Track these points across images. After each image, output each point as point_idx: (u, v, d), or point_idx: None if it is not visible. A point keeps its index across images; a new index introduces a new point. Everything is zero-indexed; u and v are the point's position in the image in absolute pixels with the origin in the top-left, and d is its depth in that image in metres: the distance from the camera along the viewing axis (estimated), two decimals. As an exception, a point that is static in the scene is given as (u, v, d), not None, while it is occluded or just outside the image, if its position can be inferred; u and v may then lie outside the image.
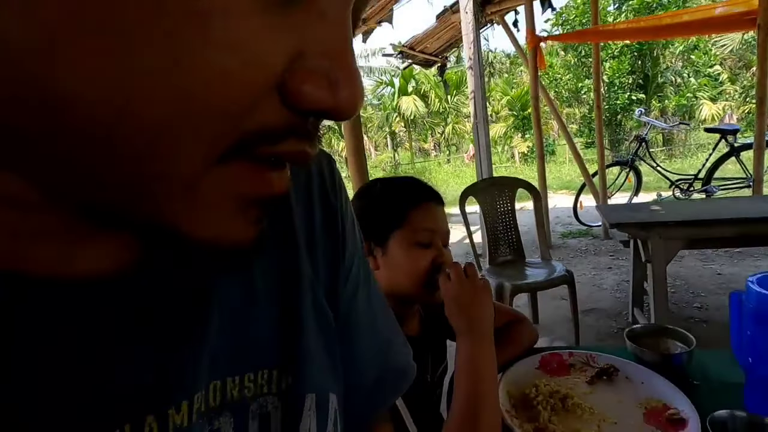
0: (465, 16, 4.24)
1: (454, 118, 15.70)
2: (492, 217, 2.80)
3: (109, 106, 0.16)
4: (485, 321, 0.75)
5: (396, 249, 0.81)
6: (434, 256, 0.80)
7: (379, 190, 0.87)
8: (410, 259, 0.80)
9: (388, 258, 0.82)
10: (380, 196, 0.86)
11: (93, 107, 0.16)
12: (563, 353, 1.02)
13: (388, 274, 0.82)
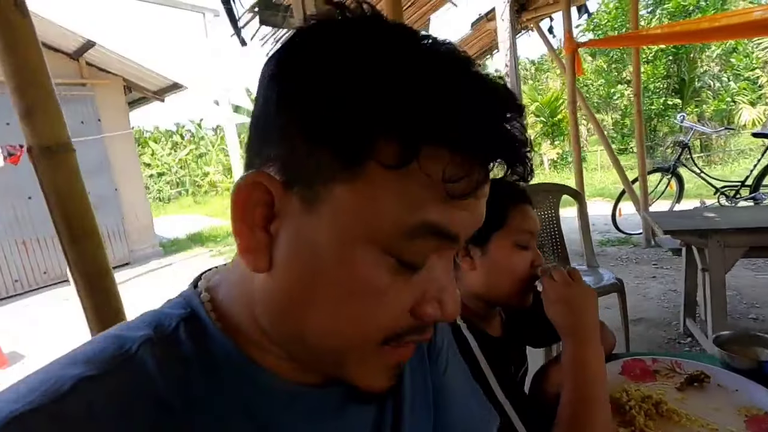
0: (501, 23, 4.25)
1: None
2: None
3: (332, 334, 0.33)
4: (592, 323, 0.75)
5: (497, 250, 0.81)
6: (533, 258, 0.81)
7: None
8: (512, 261, 0.80)
9: (487, 259, 0.82)
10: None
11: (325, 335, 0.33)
12: (646, 359, 1.01)
13: (486, 275, 0.83)
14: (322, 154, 0.29)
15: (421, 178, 0.29)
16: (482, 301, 0.85)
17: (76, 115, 6.12)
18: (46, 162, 0.86)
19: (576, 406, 0.69)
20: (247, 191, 0.31)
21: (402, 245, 0.31)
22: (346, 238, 0.30)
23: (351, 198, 0.30)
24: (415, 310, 0.34)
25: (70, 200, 0.89)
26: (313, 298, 0.32)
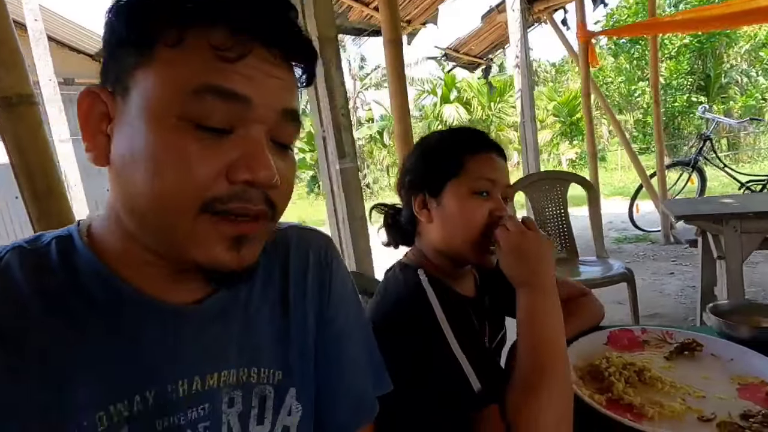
0: (512, 14, 4.17)
1: (497, 126, 15.38)
2: (542, 213, 2.68)
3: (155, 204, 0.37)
4: (547, 273, 0.69)
5: (451, 199, 0.76)
6: (492, 208, 0.75)
7: (436, 139, 0.83)
8: (466, 209, 0.75)
9: (442, 209, 0.77)
10: (436, 144, 0.82)
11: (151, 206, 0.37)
12: (635, 329, 0.94)
13: (441, 227, 0.77)
14: (125, 51, 0.38)
15: (198, 50, 0.36)
16: (445, 257, 0.79)
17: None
18: (7, 114, 0.85)
19: (533, 358, 0.63)
20: (85, 103, 0.39)
21: (196, 109, 0.36)
22: (151, 112, 0.36)
23: (149, 78, 0.37)
24: (228, 175, 0.38)
25: (33, 154, 0.88)
26: (137, 174, 0.37)
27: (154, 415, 0.40)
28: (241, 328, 0.47)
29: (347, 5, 3.42)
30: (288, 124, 0.41)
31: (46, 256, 0.40)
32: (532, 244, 0.69)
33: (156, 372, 0.41)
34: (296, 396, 0.50)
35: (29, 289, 0.38)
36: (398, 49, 1.78)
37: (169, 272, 0.42)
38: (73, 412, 0.37)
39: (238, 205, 0.38)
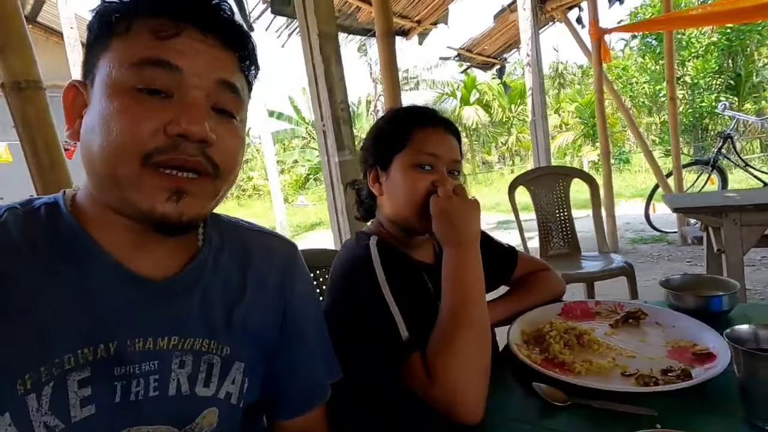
0: (523, 13, 4.17)
1: (518, 128, 15.22)
2: (544, 208, 2.69)
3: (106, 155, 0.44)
4: (472, 234, 0.74)
5: (396, 171, 0.81)
6: (434, 180, 0.79)
7: (388, 116, 0.89)
8: (408, 181, 0.79)
9: (390, 182, 0.83)
10: (387, 120, 0.88)
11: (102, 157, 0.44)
12: (589, 302, 0.97)
13: (389, 198, 0.83)
14: (93, 47, 0.48)
15: (140, 34, 0.45)
16: (398, 227, 0.85)
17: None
18: (17, 96, 0.97)
19: (454, 307, 0.68)
20: (66, 93, 0.49)
21: (139, 77, 0.44)
22: (105, 86, 0.45)
23: (105, 62, 0.46)
24: (166, 129, 0.44)
25: (38, 132, 0.99)
26: (93, 137, 0.45)
27: (113, 362, 0.47)
28: (201, 306, 0.54)
29: (356, 6, 3.51)
30: (226, 93, 0.48)
31: (35, 217, 0.48)
32: (456, 207, 0.74)
33: (116, 328, 0.48)
34: (243, 371, 0.57)
35: (21, 244, 0.46)
36: (391, 42, 1.84)
37: (133, 237, 0.49)
38: (49, 350, 0.44)
39: (175, 156, 0.44)
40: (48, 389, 0.43)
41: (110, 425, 0.47)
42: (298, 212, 11.64)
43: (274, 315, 0.61)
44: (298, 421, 0.64)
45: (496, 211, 8.53)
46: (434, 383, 0.64)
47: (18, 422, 0.42)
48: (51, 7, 6.36)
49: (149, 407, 0.49)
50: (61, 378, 0.44)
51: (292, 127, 16.31)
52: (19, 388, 0.42)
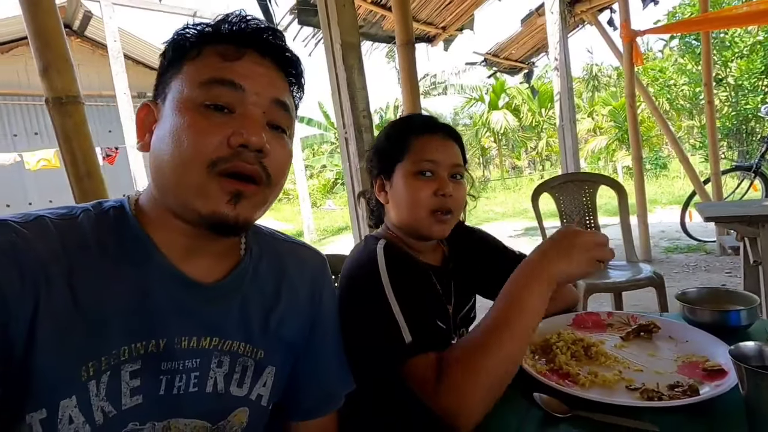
0: (550, 16, 4.11)
1: (548, 132, 14.88)
2: (570, 216, 2.63)
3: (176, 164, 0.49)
4: (564, 273, 0.67)
5: (398, 180, 0.83)
6: (435, 188, 0.81)
7: (389, 126, 0.92)
8: (410, 189, 0.81)
9: (393, 190, 0.85)
10: (388, 130, 0.90)
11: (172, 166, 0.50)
12: (601, 313, 0.95)
13: (394, 205, 0.85)
14: (166, 71, 0.54)
15: (209, 57, 0.52)
16: (404, 232, 0.87)
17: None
18: (58, 110, 1.05)
19: (499, 325, 0.65)
20: (140, 111, 0.55)
21: (206, 95, 0.50)
22: (176, 103, 0.51)
23: (177, 82, 0.52)
24: (229, 141, 0.49)
25: (77, 144, 1.08)
26: (164, 148, 0.50)
27: (161, 357, 0.52)
28: (240, 311, 0.58)
29: (380, 15, 3.56)
30: (279, 111, 0.54)
31: (105, 219, 0.53)
32: (579, 244, 0.68)
33: (167, 326, 0.52)
34: (273, 374, 0.61)
35: (91, 243, 0.50)
36: (410, 51, 1.87)
37: (187, 242, 0.54)
38: (108, 341, 0.48)
39: (236, 163, 0.49)
40: (105, 377, 0.48)
41: (153, 415, 0.51)
42: (326, 216, 11.80)
43: (304, 323, 0.66)
44: (309, 425, 0.67)
45: (524, 217, 8.37)
46: (445, 388, 0.63)
47: (81, 405, 0.46)
48: (97, 21, 6.77)
49: (188, 402, 0.53)
50: (116, 368, 0.49)
51: (321, 132, 16.58)
52: (83, 374, 0.47)
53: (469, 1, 3.79)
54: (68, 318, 0.46)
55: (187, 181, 0.49)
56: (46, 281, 0.46)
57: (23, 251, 0.45)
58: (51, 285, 0.46)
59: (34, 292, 0.45)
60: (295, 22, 3.12)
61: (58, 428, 0.45)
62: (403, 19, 1.86)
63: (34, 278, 0.45)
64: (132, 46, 7.26)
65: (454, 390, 0.63)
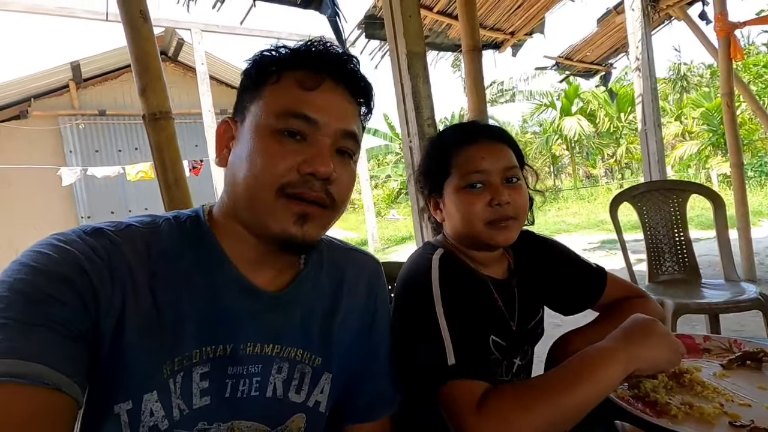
0: (631, 13, 3.83)
1: (628, 138, 13.77)
2: (655, 227, 2.40)
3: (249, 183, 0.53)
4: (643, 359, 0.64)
5: (448, 196, 0.80)
6: (489, 198, 0.76)
7: (430, 143, 0.88)
8: (463, 205, 0.78)
9: (446, 208, 0.82)
10: (429, 148, 0.87)
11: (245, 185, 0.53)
12: (696, 336, 0.85)
13: (449, 221, 0.82)
14: (247, 90, 0.57)
15: (287, 85, 0.54)
16: (464, 244, 0.84)
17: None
18: (153, 125, 1.18)
19: (565, 383, 0.61)
20: (219, 127, 0.59)
21: (282, 124, 0.53)
22: (254, 128, 0.54)
23: (257, 106, 0.55)
24: (299, 168, 0.52)
25: (167, 155, 1.19)
26: (241, 168, 0.54)
27: (228, 362, 0.54)
28: (301, 319, 0.60)
29: (446, 24, 3.55)
30: (348, 140, 0.57)
31: (183, 228, 0.57)
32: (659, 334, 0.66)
33: (234, 332, 0.55)
34: (330, 381, 0.62)
35: (170, 250, 0.54)
36: (477, 57, 1.84)
37: (256, 253, 0.56)
38: (183, 344, 0.51)
39: (304, 190, 0.52)
40: (179, 377, 0.51)
41: (219, 416, 0.54)
42: (389, 226, 11.91)
43: (361, 327, 0.67)
44: (364, 428, 0.67)
45: (599, 229, 7.80)
46: (489, 417, 0.60)
47: (162, 400, 0.50)
48: (188, 47, 7.54)
49: (250, 405, 0.56)
50: (188, 369, 0.52)
51: (386, 143, 16.87)
52: (165, 372, 0.50)
53: (539, 5, 3.66)
54: (150, 319, 0.50)
55: (259, 201, 0.52)
56: (132, 284, 0.50)
57: (115, 256, 0.50)
58: (136, 287, 0.50)
59: (122, 293, 0.49)
60: (362, 36, 3.23)
61: (141, 419, 0.49)
62: (470, 25, 1.83)
63: (122, 281, 0.49)
64: (216, 68, 7.95)
65: (499, 421, 0.59)
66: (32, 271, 0.45)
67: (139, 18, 1.17)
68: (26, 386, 0.40)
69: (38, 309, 0.43)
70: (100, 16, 5.98)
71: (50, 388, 0.41)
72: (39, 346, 0.42)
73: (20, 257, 0.47)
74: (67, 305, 0.44)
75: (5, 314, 0.42)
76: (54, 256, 0.46)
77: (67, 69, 7.18)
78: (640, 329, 0.66)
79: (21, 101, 7.23)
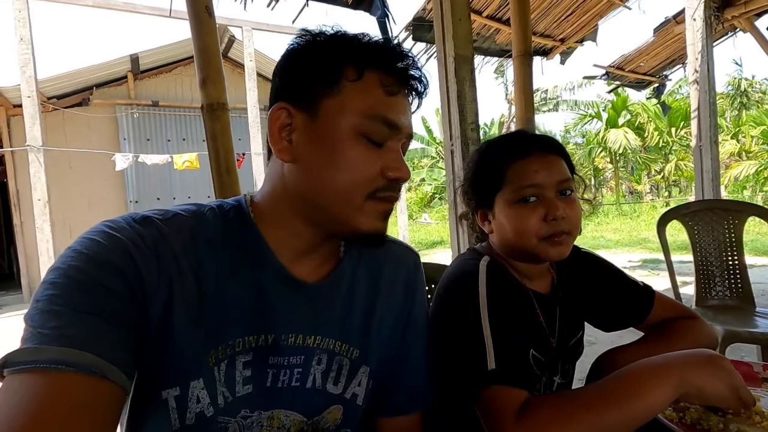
0: (692, 23, 3.65)
1: (678, 154, 13.07)
2: (705, 249, 2.27)
3: (336, 192, 0.53)
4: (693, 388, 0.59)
5: (500, 210, 0.78)
6: (544, 213, 0.74)
7: (480, 154, 0.86)
8: (516, 219, 0.76)
9: (497, 221, 0.80)
10: (480, 159, 0.85)
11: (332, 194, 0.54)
12: (755, 365, 0.80)
13: (498, 234, 0.81)
14: (317, 79, 0.53)
15: (371, 86, 0.53)
16: (511, 255, 0.83)
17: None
18: (210, 115, 1.23)
19: (607, 398, 0.59)
20: (277, 114, 0.55)
21: (368, 128, 0.53)
22: (336, 129, 0.52)
23: (334, 105, 0.52)
24: (383, 173, 0.54)
25: (221, 144, 1.25)
26: (324, 172, 0.53)
27: (270, 352, 0.55)
28: (340, 311, 0.61)
29: (495, 28, 3.51)
30: (408, 142, 0.59)
31: (227, 218, 0.57)
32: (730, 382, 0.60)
33: (275, 322, 0.55)
34: (368, 374, 0.62)
35: (216, 239, 0.54)
36: (527, 62, 1.81)
37: (298, 244, 0.57)
38: (228, 332, 0.52)
39: (391, 194, 0.56)
40: (223, 365, 0.52)
41: (261, 404, 0.55)
42: (421, 229, 11.86)
43: (398, 320, 0.67)
44: (394, 422, 0.67)
45: (642, 248, 7.45)
46: (529, 425, 0.59)
47: (208, 387, 0.51)
48: (239, 44, 7.83)
49: (289, 395, 0.56)
50: (232, 358, 0.52)
51: (422, 146, 16.83)
52: (210, 359, 0.51)
53: (592, 12, 3.55)
54: (196, 308, 0.51)
55: (350, 204, 0.54)
56: (179, 272, 0.50)
57: (162, 245, 0.50)
58: (182, 276, 0.50)
59: (168, 282, 0.49)
60: (409, 38, 3.24)
61: (188, 405, 0.50)
62: (522, 30, 1.81)
63: (168, 269, 0.50)
64: (263, 65, 8.21)
65: (538, 428, 0.58)
66: (85, 258, 0.46)
67: (204, 13, 1.23)
68: (77, 374, 0.41)
69: (90, 297, 0.44)
70: (162, 12, 6.33)
71: (99, 376, 0.42)
72: (90, 334, 0.43)
73: (74, 244, 0.48)
74: (116, 294, 0.46)
75: (59, 301, 0.43)
76: (104, 244, 0.47)
77: (126, 61, 7.62)
78: (701, 356, 0.62)
79: (84, 89, 7.72)
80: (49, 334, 0.41)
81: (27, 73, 5.34)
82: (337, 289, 0.61)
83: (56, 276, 0.45)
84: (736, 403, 0.60)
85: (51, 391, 0.40)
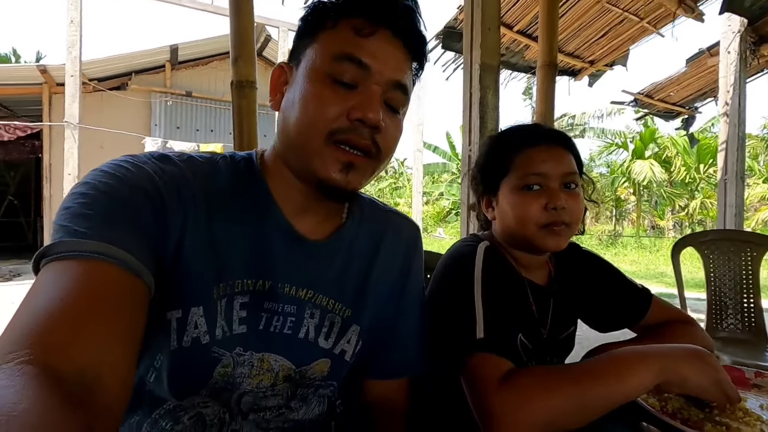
0: (726, 56, 3.61)
1: (705, 192, 12.75)
2: (720, 278, 2.23)
3: (300, 127, 0.54)
4: (689, 381, 0.60)
5: (504, 196, 0.80)
6: (546, 201, 0.76)
7: (491, 141, 0.89)
8: (518, 205, 0.77)
9: (499, 207, 0.82)
10: (490, 146, 0.88)
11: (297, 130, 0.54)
12: (747, 371, 0.79)
13: (500, 221, 0.83)
14: (303, 37, 0.57)
15: (343, 31, 0.54)
16: (511, 243, 0.85)
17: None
18: (238, 91, 1.30)
19: (594, 374, 0.60)
20: (275, 72, 0.60)
21: (335, 69, 0.53)
22: (308, 71, 0.54)
23: (312, 51, 0.55)
24: (348, 114, 0.53)
25: (246, 121, 1.31)
26: (292, 112, 0.55)
27: (265, 297, 0.57)
28: (337, 271, 0.63)
29: (524, 44, 3.54)
30: (397, 92, 0.56)
31: (237, 168, 0.60)
32: (721, 381, 0.62)
33: (274, 271, 0.58)
34: (358, 333, 0.65)
35: (226, 188, 0.57)
36: (551, 74, 1.83)
37: (302, 200, 0.59)
38: (230, 272, 0.55)
39: (351, 136, 0.53)
40: (224, 302, 0.55)
41: (253, 345, 0.57)
42: (434, 243, 11.82)
43: (393, 287, 0.69)
44: (379, 384, 0.70)
45: (658, 281, 7.28)
46: (511, 389, 0.60)
47: (207, 317, 0.54)
48: (274, 44, 8.07)
49: (280, 341, 0.59)
50: (231, 296, 0.55)
51: (444, 161, 16.85)
52: (215, 293, 0.54)
53: (624, 36, 3.55)
54: (206, 242, 0.54)
55: (308, 145, 0.53)
56: (194, 206, 0.53)
57: (181, 181, 0.54)
58: (197, 212, 0.54)
59: (184, 215, 0.52)
60: (438, 46, 3.30)
61: (186, 329, 0.53)
62: (549, 40, 1.83)
63: (185, 204, 0.53)
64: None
65: (521, 397, 0.59)
66: (114, 178, 0.48)
67: (243, -7, 1.30)
68: (115, 266, 0.42)
69: (121, 210, 0.46)
70: (202, 5, 6.58)
71: (135, 273, 0.43)
72: (124, 238, 0.44)
73: (101, 167, 0.50)
74: (144, 214, 0.48)
75: (91, 208, 0.45)
76: (133, 171, 0.50)
77: (166, 51, 7.92)
78: (689, 349, 0.63)
79: (123, 74, 8.05)
80: (85, 231, 0.43)
81: (73, 54, 5.61)
82: (337, 250, 0.63)
83: (87, 189, 0.47)
84: (719, 397, 0.61)
85: (97, 277, 0.41)
